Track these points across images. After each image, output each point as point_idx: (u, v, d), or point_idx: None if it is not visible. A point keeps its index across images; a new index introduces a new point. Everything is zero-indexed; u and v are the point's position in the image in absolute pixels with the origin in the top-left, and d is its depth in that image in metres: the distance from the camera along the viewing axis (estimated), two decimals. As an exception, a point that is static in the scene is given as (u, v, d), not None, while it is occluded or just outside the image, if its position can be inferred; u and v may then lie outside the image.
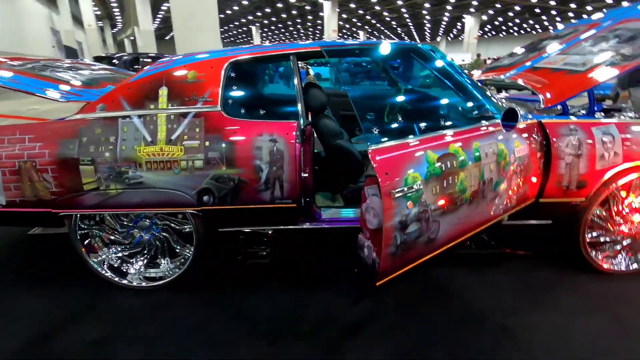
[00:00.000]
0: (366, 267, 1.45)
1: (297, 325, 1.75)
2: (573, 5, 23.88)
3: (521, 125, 1.82)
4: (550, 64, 2.33)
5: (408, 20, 31.56)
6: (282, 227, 1.98)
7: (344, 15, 29.00)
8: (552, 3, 23.18)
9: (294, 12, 28.67)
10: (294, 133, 1.74)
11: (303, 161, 1.79)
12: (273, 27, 38.22)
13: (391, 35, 42.92)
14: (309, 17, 31.48)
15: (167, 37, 41.14)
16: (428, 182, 1.36)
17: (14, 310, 1.89)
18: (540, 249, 2.35)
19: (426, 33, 39.86)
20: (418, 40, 45.63)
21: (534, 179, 1.89)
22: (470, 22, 26.80)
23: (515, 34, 39.75)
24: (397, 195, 1.27)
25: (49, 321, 1.80)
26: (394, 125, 1.67)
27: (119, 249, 2.03)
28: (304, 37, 45.40)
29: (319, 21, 31.60)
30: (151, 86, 1.79)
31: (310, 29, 38.57)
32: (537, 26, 34.14)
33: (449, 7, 25.34)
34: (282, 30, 40.12)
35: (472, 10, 25.41)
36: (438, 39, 41.55)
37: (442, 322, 1.75)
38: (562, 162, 1.85)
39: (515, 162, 1.72)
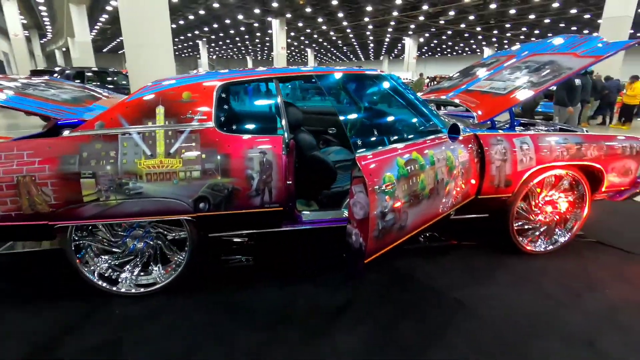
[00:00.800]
0: (354, 250, 1.76)
1: (289, 314, 2.00)
2: (495, 32, 26.97)
3: (462, 137, 2.28)
4: (480, 87, 2.87)
5: (353, 40, 33.28)
6: (268, 230, 2.23)
7: (292, 33, 29.82)
8: (479, 29, 25.98)
9: (242, 28, 28.88)
10: (281, 146, 2.02)
11: (287, 170, 2.07)
12: (221, 43, 38.00)
13: (337, 53, 44.75)
14: (257, 34, 31.87)
15: (105, 50, 39.04)
16: (399, 181, 1.72)
17: (4, 328, 1.90)
18: (479, 238, 2.83)
19: (370, 52, 42.20)
20: (362, 58, 48.02)
21: (473, 180, 2.34)
22: (409, 43, 28.99)
23: (449, 54, 43.61)
24: (379, 191, 1.61)
25: (45, 334, 1.86)
26: (370, 137, 2.02)
27: (112, 258, 2.13)
28: (252, 53, 45.63)
29: (267, 38, 32.12)
30: (148, 105, 1.97)
31: (259, 45, 38.94)
32: (466, 48, 37.82)
33: (390, 29, 27.21)
34: (231, 46, 40.04)
35: (410, 32, 27.55)
36: (381, 57, 44.14)
37: (409, 301, 2.11)
38: (493, 165, 2.34)
39: (459, 166, 2.16)
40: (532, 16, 21.72)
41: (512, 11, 20.21)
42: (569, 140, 2.45)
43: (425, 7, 19.84)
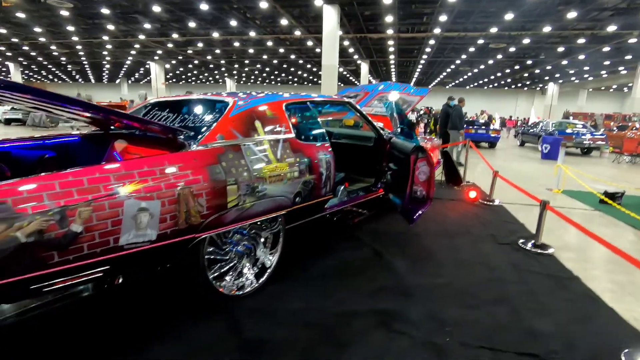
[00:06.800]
0: (420, 200, 2.86)
1: (346, 265, 2.82)
2: (236, 65, 30.99)
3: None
4: (367, 110, 4.46)
5: (83, 58, 28.75)
6: (320, 215, 2.83)
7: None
8: (223, 62, 29.06)
9: None
10: (331, 150, 2.78)
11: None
12: None
13: (57, 71, 36.81)
14: None
15: None
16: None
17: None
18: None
19: (104, 73, 37.46)
20: (92, 80, 41.76)
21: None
22: (155, 69, 28.31)
23: (193, 82, 45.24)
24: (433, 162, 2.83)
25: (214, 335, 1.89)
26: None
27: (225, 264, 2.20)
28: None
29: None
30: (249, 119, 2.25)
31: None
32: (210, 78, 40.67)
33: (133, 52, 25.67)
34: None
35: (156, 58, 27.06)
36: (117, 81, 40.04)
37: (375, 250, 3.37)
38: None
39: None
40: (265, 56, 26.69)
41: (251, 50, 24.20)
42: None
43: (175, 36, 20.38)
